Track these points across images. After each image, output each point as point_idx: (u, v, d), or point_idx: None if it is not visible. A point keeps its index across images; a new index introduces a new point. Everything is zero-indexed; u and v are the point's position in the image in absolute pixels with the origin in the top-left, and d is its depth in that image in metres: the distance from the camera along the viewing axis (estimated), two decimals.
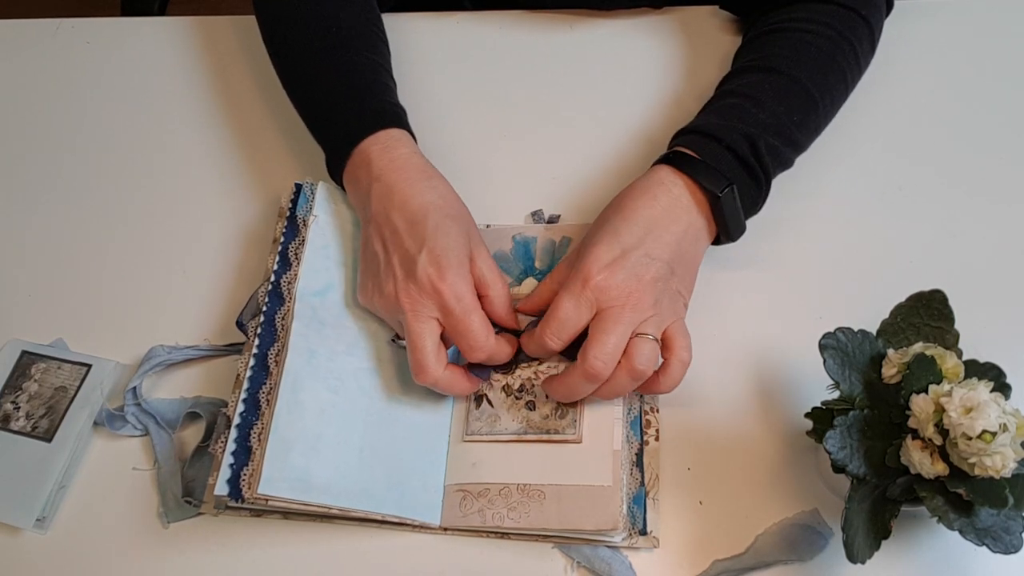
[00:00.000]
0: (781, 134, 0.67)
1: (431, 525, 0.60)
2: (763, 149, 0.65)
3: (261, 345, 0.62)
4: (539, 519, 0.59)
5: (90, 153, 0.79)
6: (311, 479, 0.58)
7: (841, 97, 0.73)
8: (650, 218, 0.62)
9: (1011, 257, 0.71)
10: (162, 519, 0.61)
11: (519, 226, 0.73)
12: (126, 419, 0.65)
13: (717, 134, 0.66)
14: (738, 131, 0.66)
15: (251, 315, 0.66)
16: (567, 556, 0.60)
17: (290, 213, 0.69)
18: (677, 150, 0.66)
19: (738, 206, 0.65)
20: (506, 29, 0.85)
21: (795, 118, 0.68)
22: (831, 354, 0.56)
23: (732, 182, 0.64)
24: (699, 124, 0.68)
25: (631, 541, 0.59)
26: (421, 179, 0.65)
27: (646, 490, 0.61)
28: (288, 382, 0.60)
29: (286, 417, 0.59)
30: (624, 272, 0.60)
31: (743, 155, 0.65)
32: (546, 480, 0.60)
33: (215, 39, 0.85)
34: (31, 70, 0.85)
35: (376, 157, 0.66)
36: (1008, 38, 0.83)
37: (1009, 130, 0.78)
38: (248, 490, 0.56)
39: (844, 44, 0.71)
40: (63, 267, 0.73)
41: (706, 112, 0.70)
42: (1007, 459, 0.49)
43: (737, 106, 0.68)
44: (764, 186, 0.66)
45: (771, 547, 0.59)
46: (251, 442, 0.58)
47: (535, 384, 0.64)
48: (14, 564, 0.60)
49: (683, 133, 0.68)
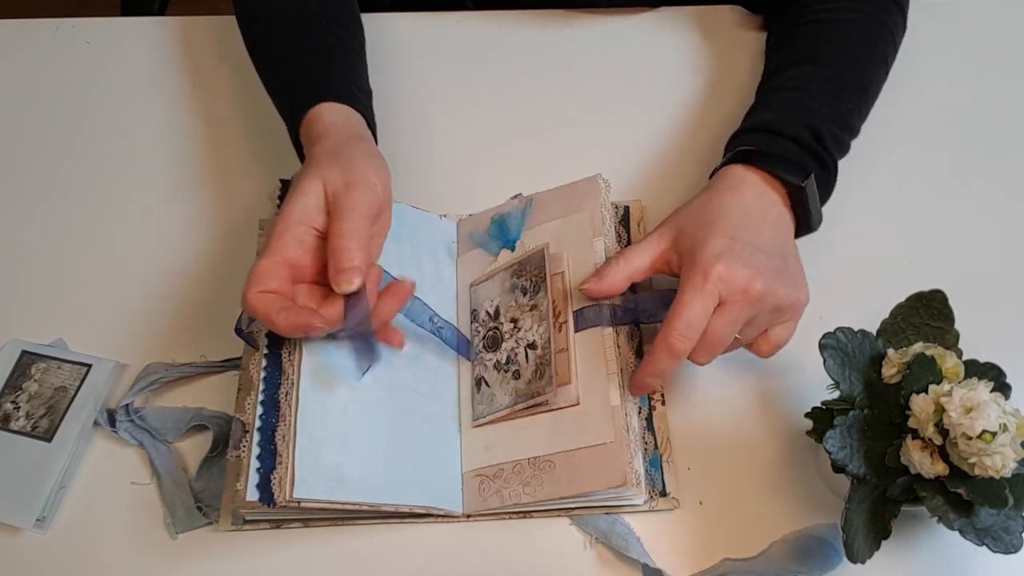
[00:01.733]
0: (839, 121, 0.68)
1: (455, 513, 0.61)
2: (827, 137, 0.66)
3: (271, 345, 0.61)
4: (553, 489, 0.59)
5: (90, 153, 0.79)
6: (344, 477, 0.57)
7: (884, 78, 0.74)
8: (744, 214, 0.61)
9: (1011, 257, 0.71)
10: (170, 530, 0.61)
11: (494, 208, 0.73)
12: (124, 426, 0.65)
13: (779, 129, 0.66)
14: (800, 122, 0.66)
15: (249, 320, 0.65)
16: (585, 532, 0.60)
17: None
18: (745, 149, 0.65)
19: (816, 195, 0.64)
20: (507, 28, 0.86)
21: (849, 105, 0.69)
22: (831, 354, 0.56)
23: (809, 172, 0.64)
24: (757, 122, 0.68)
25: (652, 504, 0.60)
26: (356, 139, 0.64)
27: (660, 452, 0.62)
28: (307, 382, 0.58)
29: (312, 417, 0.57)
30: (740, 259, 0.58)
31: (810, 145, 0.65)
32: (554, 449, 0.60)
33: (215, 39, 0.85)
34: (31, 70, 0.85)
35: (326, 114, 0.65)
36: (1009, 38, 0.83)
37: (1010, 130, 0.78)
38: (280, 494, 0.54)
39: (883, 30, 0.73)
40: (63, 267, 0.73)
41: (760, 109, 0.70)
42: (1007, 459, 0.49)
43: (792, 99, 0.69)
44: (833, 173, 0.67)
45: (784, 556, 0.59)
46: (276, 444, 0.56)
47: (517, 353, 0.65)
48: (14, 564, 0.60)
49: (743, 132, 0.68)
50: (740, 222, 0.61)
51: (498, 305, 0.67)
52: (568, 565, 0.59)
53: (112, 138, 0.80)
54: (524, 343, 0.65)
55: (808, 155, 0.65)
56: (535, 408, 0.62)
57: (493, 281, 0.69)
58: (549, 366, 0.63)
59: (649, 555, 0.59)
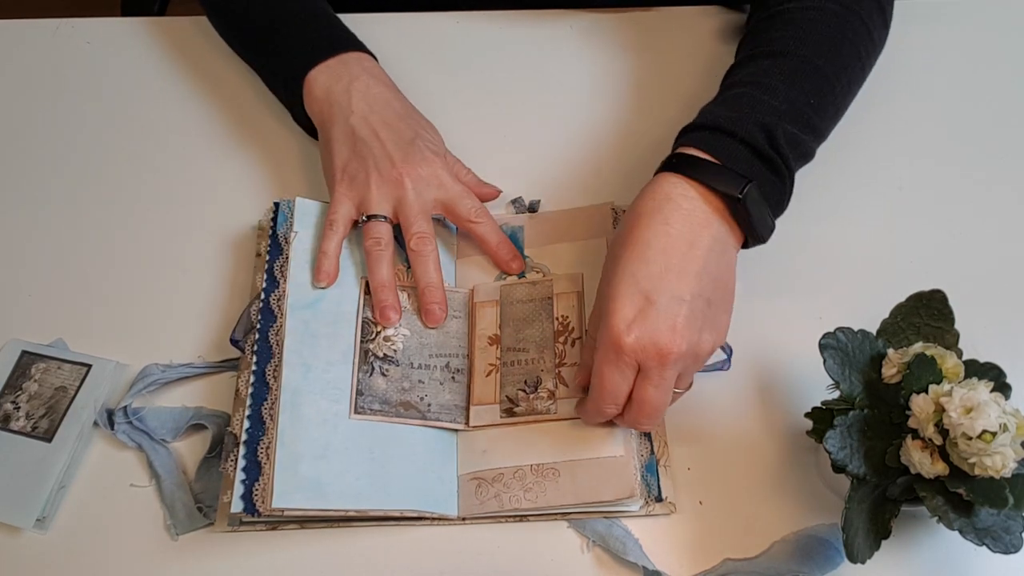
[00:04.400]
0: (798, 120, 0.63)
1: (450, 516, 0.61)
2: (781, 138, 0.61)
3: (259, 362, 0.63)
4: (556, 497, 0.59)
5: (90, 153, 0.79)
6: (324, 486, 0.58)
7: (858, 75, 0.69)
8: (667, 250, 0.57)
9: (1011, 257, 0.71)
10: (171, 531, 0.61)
11: (501, 216, 0.74)
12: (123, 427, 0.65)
13: (728, 127, 0.61)
14: (751, 121, 0.61)
15: (244, 331, 0.66)
16: (582, 535, 0.60)
17: (272, 232, 0.69)
18: (682, 152, 0.61)
19: (763, 205, 0.60)
20: (507, 28, 0.85)
21: (811, 101, 0.64)
22: (831, 354, 0.56)
23: (751, 179, 0.58)
24: (707, 119, 0.63)
25: (648, 509, 0.60)
26: (396, 90, 0.74)
27: (656, 458, 0.62)
28: (287, 398, 0.61)
29: (290, 431, 0.59)
30: (654, 323, 0.55)
31: (760, 147, 0.60)
32: (558, 458, 0.61)
33: (215, 39, 0.85)
34: (31, 70, 0.85)
35: (353, 63, 0.73)
36: (1009, 38, 0.83)
37: (1009, 130, 0.78)
38: (262, 504, 0.56)
39: (853, 18, 0.68)
40: (63, 267, 0.73)
41: (713, 105, 0.65)
42: (1007, 459, 0.49)
43: (746, 95, 0.63)
44: (788, 179, 0.62)
45: (786, 556, 0.59)
46: (259, 457, 0.59)
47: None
48: (14, 564, 0.60)
49: (690, 130, 0.63)
50: (661, 264, 0.56)
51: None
52: (565, 568, 0.59)
53: (112, 138, 0.80)
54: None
55: (756, 158, 0.60)
56: (540, 416, 0.63)
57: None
58: (547, 378, 0.64)
59: (648, 558, 0.59)
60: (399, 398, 0.63)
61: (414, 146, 0.69)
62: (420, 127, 0.72)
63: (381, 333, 0.65)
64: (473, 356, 0.67)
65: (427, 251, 0.67)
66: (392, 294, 0.66)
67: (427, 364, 0.65)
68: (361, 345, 0.64)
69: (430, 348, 0.66)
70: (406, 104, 0.74)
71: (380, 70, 0.75)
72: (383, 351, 0.65)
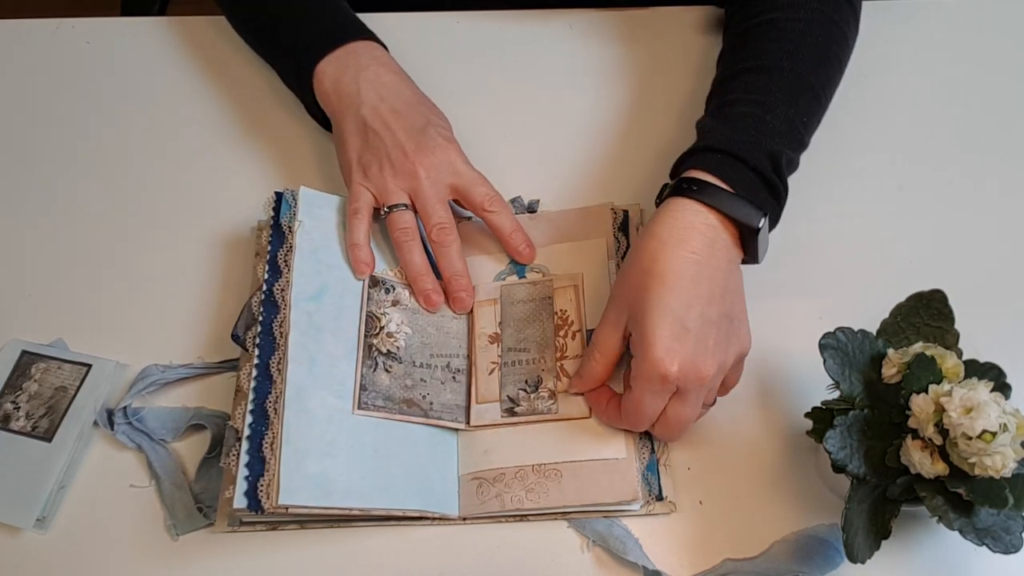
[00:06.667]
0: (793, 141, 0.66)
1: (451, 516, 0.61)
2: (784, 165, 0.64)
3: (261, 355, 0.61)
4: (558, 498, 0.60)
5: (89, 153, 0.79)
6: (329, 484, 0.57)
7: (837, 84, 0.72)
8: (696, 278, 0.59)
9: (1011, 257, 0.71)
10: (171, 532, 0.61)
11: None
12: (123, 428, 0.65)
13: (739, 153, 0.63)
14: (760, 147, 0.63)
15: (246, 326, 0.65)
16: (582, 535, 0.60)
17: (274, 221, 0.68)
18: (696, 177, 0.62)
19: (767, 233, 0.63)
20: (507, 28, 0.85)
21: (804, 119, 0.67)
22: (831, 354, 0.56)
23: (765, 212, 0.61)
24: (715, 141, 0.64)
25: (649, 508, 0.60)
26: (406, 77, 0.75)
27: (657, 457, 0.62)
28: (293, 392, 0.59)
29: (295, 427, 0.58)
30: (693, 349, 0.57)
31: (767, 175, 0.63)
32: (561, 458, 0.61)
33: (215, 39, 0.85)
34: (31, 70, 0.85)
35: (361, 52, 0.73)
36: (1007, 37, 0.83)
37: (1009, 129, 0.78)
38: (268, 501, 0.55)
39: (835, 29, 0.70)
40: (63, 267, 0.73)
41: (715, 122, 0.66)
42: (1007, 459, 0.49)
43: (750, 115, 0.65)
44: (783, 201, 0.65)
45: (785, 556, 0.59)
46: (264, 452, 0.58)
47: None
48: (14, 564, 0.60)
49: (700, 151, 0.64)
50: (692, 293, 0.58)
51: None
52: (565, 568, 0.59)
53: (112, 138, 0.80)
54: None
55: (764, 187, 0.63)
56: (541, 416, 0.63)
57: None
58: (547, 378, 0.64)
59: (648, 557, 0.59)
60: (402, 395, 0.63)
61: (426, 134, 0.69)
62: (432, 113, 0.73)
63: (385, 328, 0.65)
64: (474, 355, 0.67)
65: (449, 240, 0.68)
66: (431, 279, 0.67)
67: (428, 364, 0.65)
68: (365, 340, 0.64)
69: (431, 348, 0.66)
70: (416, 91, 0.74)
71: (389, 58, 0.75)
72: (387, 347, 0.64)
